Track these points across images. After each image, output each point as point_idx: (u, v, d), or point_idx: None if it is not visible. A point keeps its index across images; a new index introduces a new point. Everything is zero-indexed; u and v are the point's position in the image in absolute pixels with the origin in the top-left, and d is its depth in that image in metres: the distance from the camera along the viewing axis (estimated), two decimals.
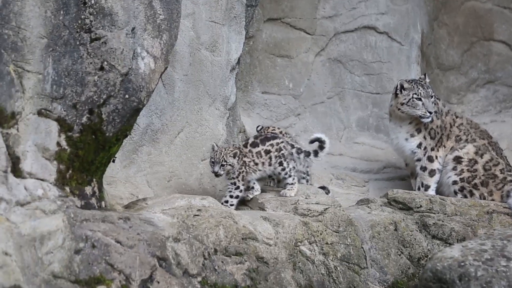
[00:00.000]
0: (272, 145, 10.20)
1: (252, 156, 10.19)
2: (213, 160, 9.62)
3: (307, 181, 11.14)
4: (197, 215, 8.71)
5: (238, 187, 9.93)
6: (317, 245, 9.63)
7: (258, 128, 10.97)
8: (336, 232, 9.88)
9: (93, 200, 8.28)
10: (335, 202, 10.30)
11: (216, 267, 8.46)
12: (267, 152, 10.21)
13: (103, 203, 8.46)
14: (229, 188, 9.99)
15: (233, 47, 11.32)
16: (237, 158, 9.79)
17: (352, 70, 13.57)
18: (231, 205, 9.92)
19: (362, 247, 10.00)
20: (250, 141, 10.33)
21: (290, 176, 10.15)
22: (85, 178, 8.21)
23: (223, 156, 9.59)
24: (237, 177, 9.89)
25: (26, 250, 7.24)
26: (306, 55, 13.20)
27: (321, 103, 13.36)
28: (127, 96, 8.21)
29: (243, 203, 10.35)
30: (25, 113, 7.71)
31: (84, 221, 7.78)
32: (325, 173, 12.56)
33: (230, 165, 9.64)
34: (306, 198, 10.28)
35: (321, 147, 10.33)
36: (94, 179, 8.35)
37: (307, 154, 10.46)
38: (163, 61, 8.67)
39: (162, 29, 8.62)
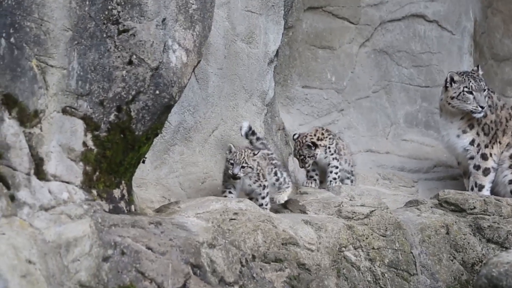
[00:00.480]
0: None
1: None
2: (232, 161, 9.53)
3: (352, 181, 11.09)
4: (234, 219, 8.81)
5: (264, 186, 9.87)
6: (362, 251, 9.66)
7: (295, 137, 10.93)
8: (383, 236, 9.90)
9: (122, 204, 8.29)
10: (382, 204, 10.29)
11: (254, 275, 8.50)
12: None
13: (132, 207, 8.48)
14: (256, 191, 9.91)
15: (271, 38, 11.34)
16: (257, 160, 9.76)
17: (399, 61, 13.55)
18: (266, 205, 9.88)
19: (412, 252, 9.99)
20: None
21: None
22: (113, 180, 8.21)
23: (244, 158, 9.50)
24: (258, 178, 9.82)
25: (51, 258, 7.24)
26: (349, 46, 13.20)
27: (366, 98, 13.35)
28: (157, 92, 8.23)
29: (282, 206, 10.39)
30: (49, 111, 7.72)
31: (113, 226, 7.79)
32: (370, 173, 12.55)
33: (250, 167, 9.56)
34: (350, 199, 10.29)
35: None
36: (123, 181, 8.36)
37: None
38: (196, 54, 8.70)
39: (195, 19, 8.69)
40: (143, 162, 8.93)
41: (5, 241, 6.98)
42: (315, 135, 10.81)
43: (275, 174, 10.17)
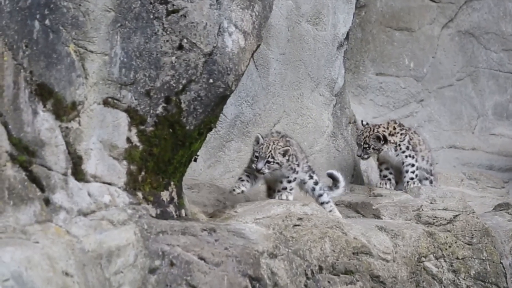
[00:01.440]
0: None
1: None
2: (257, 154, 9.26)
3: (431, 181, 10.93)
4: (298, 225, 8.79)
5: (294, 170, 9.44)
6: (445, 261, 9.60)
7: (364, 123, 10.84)
8: (468, 244, 9.83)
9: (171, 208, 8.33)
10: (467, 208, 10.20)
11: None
12: None
13: (183, 212, 8.55)
14: (285, 173, 9.46)
15: (341, 19, 11.31)
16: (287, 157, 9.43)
17: (488, 45, 13.45)
18: (291, 190, 9.43)
19: (501, 263, 9.93)
20: None
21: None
22: (161, 181, 8.25)
23: (270, 152, 9.23)
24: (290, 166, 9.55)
25: (91, 270, 7.22)
26: (430, 28, 13.15)
27: (449, 86, 13.28)
28: (211, 80, 8.27)
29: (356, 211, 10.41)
30: (88, 103, 7.75)
31: (160, 234, 7.81)
32: (454, 172, 12.49)
33: (277, 163, 9.24)
34: (431, 203, 10.23)
35: (335, 185, 10.06)
36: (172, 183, 8.41)
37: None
38: (255, 37, 8.66)
39: None
40: (195, 160, 8.90)
41: (39, 251, 6.95)
42: (387, 128, 10.68)
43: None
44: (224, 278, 7.92)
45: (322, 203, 9.48)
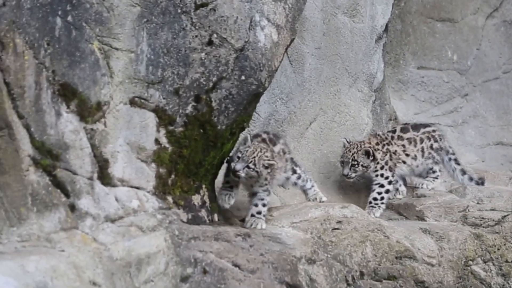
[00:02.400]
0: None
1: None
2: (239, 154, 8.96)
3: (433, 179, 10.62)
4: (337, 229, 8.79)
5: (269, 192, 9.16)
6: (493, 264, 9.52)
7: (347, 140, 10.39)
8: None
9: (203, 213, 8.36)
10: None
11: None
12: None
13: (215, 216, 8.59)
14: (260, 194, 9.15)
15: (379, 10, 11.25)
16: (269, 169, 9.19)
17: None
18: (263, 215, 9.03)
19: None
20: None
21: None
22: (192, 185, 8.30)
23: (254, 158, 8.91)
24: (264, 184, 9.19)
25: (119, 279, 7.25)
26: (474, 18, 13.04)
27: (495, 80, 13.15)
28: (243, 77, 8.29)
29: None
30: (114, 103, 7.82)
31: (192, 240, 7.87)
32: (502, 170, 12.20)
33: (256, 171, 9.04)
34: (478, 203, 10.17)
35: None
36: (204, 186, 8.45)
37: None
38: (289, 31, 8.65)
39: None
40: (227, 162, 8.87)
41: (65, 260, 6.93)
42: (370, 143, 10.34)
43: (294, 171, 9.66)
44: (260, 286, 7.92)
45: (305, 190, 9.60)
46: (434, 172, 10.59)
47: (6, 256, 6.74)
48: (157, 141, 8.02)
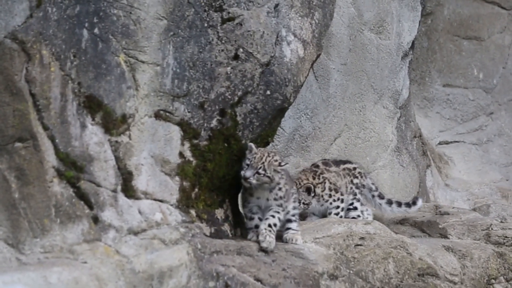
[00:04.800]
0: None
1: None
2: (248, 162, 8.49)
3: (400, 204, 10.03)
4: (360, 245, 8.75)
5: (284, 211, 8.79)
6: None
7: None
8: None
9: (226, 227, 8.33)
10: None
11: None
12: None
13: (238, 231, 8.55)
14: (274, 209, 8.74)
15: (406, 27, 11.26)
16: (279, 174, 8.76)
17: None
18: (268, 234, 8.56)
19: None
20: None
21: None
22: (215, 199, 8.28)
23: (263, 163, 8.48)
24: (282, 197, 8.80)
25: None
26: (501, 36, 13.06)
27: None
28: (268, 92, 8.30)
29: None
30: (139, 116, 7.78)
31: (215, 254, 7.82)
32: None
33: (268, 176, 8.45)
34: (501, 221, 10.11)
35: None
36: (227, 200, 8.42)
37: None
38: (315, 46, 8.63)
39: (314, 5, 8.65)
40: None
41: (87, 272, 6.91)
42: (308, 179, 9.82)
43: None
44: None
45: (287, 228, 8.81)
46: (355, 209, 9.93)
47: (29, 267, 6.73)
48: (181, 155, 7.99)
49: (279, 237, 8.56)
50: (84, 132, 7.42)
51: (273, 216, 8.40)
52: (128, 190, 7.65)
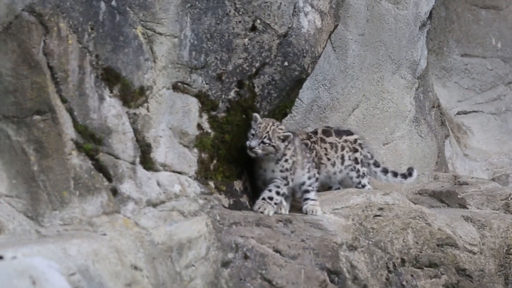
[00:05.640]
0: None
1: None
2: (253, 132, 8.45)
3: (396, 174, 9.92)
4: (379, 216, 8.72)
5: (287, 181, 8.70)
6: None
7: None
8: None
9: (244, 198, 8.31)
10: None
11: (404, 283, 8.48)
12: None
13: None
14: (277, 181, 8.70)
15: None
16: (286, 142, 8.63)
17: None
18: (274, 202, 8.53)
19: None
20: None
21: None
22: (233, 170, 8.25)
23: (267, 132, 8.36)
24: (285, 168, 8.76)
25: (161, 263, 7.20)
26: None
27: None
28: (286, 63, 8.26)
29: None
30: (157, 88, 7.78)
31: (234, 225, 7.83)
32: None
33: (273, 145, 8.38)
34: None
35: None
36: (245, 171, 8.40)
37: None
38: (332, 17, 8.61)
39: None
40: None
41: (107, 243, 6.91)
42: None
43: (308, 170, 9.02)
44: (300, 272, 7.85)
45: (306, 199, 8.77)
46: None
47: (49, 240, 6.73)
48: (199, 126, 7.99)
49: (299, 209, 8.60)
50: (102, 105, 7.41)
51: (270, 190, 8.37)
52: (147, 162, 7.65)
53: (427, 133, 11.01)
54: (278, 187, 8.38)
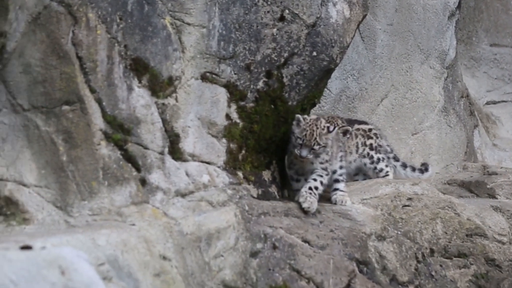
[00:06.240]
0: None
1: None
2: (300, 141, 8.32)
3: (414, 169, 9.80)
4: (407, 206, 8.68)
5: (327, 172, 8.65)
6: None
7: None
8: None
9: (273, 188, 8.27)
10: None
11: (433, 273, 8.46)
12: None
13: (285, 192, 8.50)
14: (317, 171, 8.65)
15: None
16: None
17: None
18: (314, 192, 8.43)
19: None
20: None
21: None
22: (262, 160, 8.22)
23: (315, 138, 8.29)
24: (326, 160, 8.64)
25: (189, 253, 7.21)
26: None
27: None
28: (314, 53, 8.24)
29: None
30: (186, 78, 7.74)
31: (262, 215, 7.80)
32: None
33: (323, 146, 8.33)
34: None
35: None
36: (274, 161, 8.37)
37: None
38: (361, 7, 8.58)
39: None
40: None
41: (136, 233, 6.89)
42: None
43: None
44: (329, 262, 7.85)
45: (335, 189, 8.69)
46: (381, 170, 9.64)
47: (77, 230, 6.72)
48: (228, 117, 7.97)
49: (328, 199, 8.55)
50: (131, 95, 7.39)
51: (315, 180, 8.30)
52: (175, 153, 7.62)
53: (456, 123, 10.95)
54: (321, 176, 8.34)
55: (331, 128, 8.27)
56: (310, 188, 8.15)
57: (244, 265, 7.50)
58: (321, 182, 8.26)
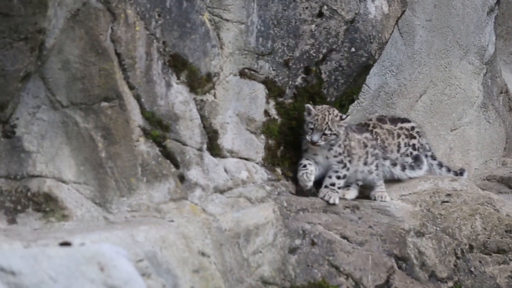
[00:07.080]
0: None
1: None
2: (311, 126, 8.29)
3: (449, 170, 9.60)
4: (446, 202, 8.59)
5: (345, 165, 8.55)
6: None
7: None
8: None
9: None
10: None
11: (472, 269, 8.36)
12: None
13: None
14: (333, 166, 8.60)
15: None
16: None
17: None
18: (337, 187, 8.41)
19: None
20: None
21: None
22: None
23: (327, 123, 8.25)
24: (341, 153, 8.57)
25: (228, 250, 7.20)
26: None
27: None
28: (353, 49, 8.22)
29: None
30: (224, 74, 7.71)
31: (301, 212, 7.75)
32: None
33: (334, 134, 8.29)
34: None
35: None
36: None
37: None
38: (400, 3, 8.53)
39: None
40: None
41: (174, 230, 6.86)
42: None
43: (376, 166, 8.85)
44: (368, 258, 7.80)
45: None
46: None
47: (116, 226, 6.72)
48: (266, 113, 7.95)
49: (366, 195, 8.53)
50: (170, 91, 7.35)
51: (330, 177, 8.24)
52: (214, 149, 7.61)
53: (495, 118, 10.80)
54: (337, 171, 8.25)
55: (344, 116, 8.19)
56: (326, 186, 8.15)
57: (283, 261, 7.47)
58: (338, 177, 8.19)
